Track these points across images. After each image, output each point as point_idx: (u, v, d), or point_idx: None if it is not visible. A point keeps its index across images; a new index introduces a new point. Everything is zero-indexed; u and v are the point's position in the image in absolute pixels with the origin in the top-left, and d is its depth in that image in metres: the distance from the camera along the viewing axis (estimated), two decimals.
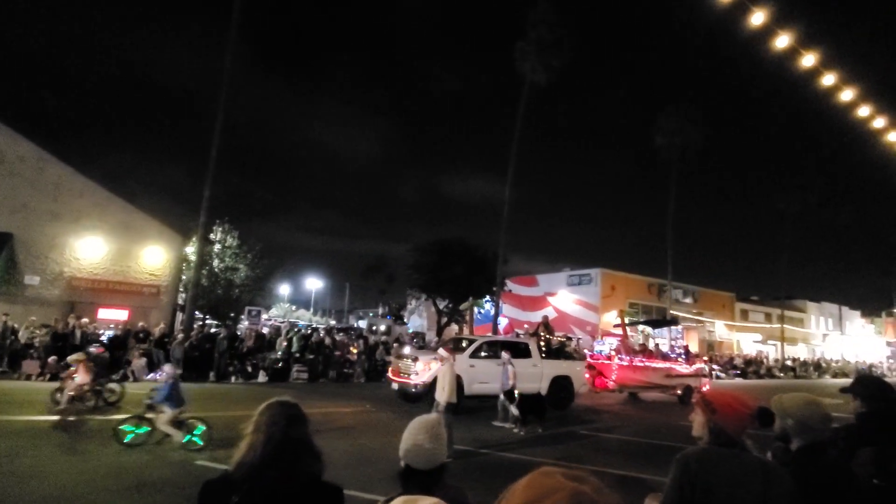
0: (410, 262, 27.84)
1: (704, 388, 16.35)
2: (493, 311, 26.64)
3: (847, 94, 8.25)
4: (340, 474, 6.28)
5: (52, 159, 18.18)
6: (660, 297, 35.92)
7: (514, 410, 9.88)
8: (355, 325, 40.37)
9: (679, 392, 16.27)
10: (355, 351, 19.37)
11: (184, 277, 21.37)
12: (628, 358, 16.53)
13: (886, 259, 48.80)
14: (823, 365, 39.25)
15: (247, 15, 20.28)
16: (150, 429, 7.16)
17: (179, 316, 20.35)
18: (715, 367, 29.98)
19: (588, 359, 17.44)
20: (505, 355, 10.74)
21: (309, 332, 21.20)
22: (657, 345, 22.57)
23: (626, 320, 19.88)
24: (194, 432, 7.14)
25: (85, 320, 16.06)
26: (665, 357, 18.26)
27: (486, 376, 11.78)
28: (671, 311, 33.19)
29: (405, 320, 41.15)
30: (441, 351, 8.57)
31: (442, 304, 27.74)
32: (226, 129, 18.95)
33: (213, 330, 19.81)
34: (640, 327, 35.78)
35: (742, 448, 1.96)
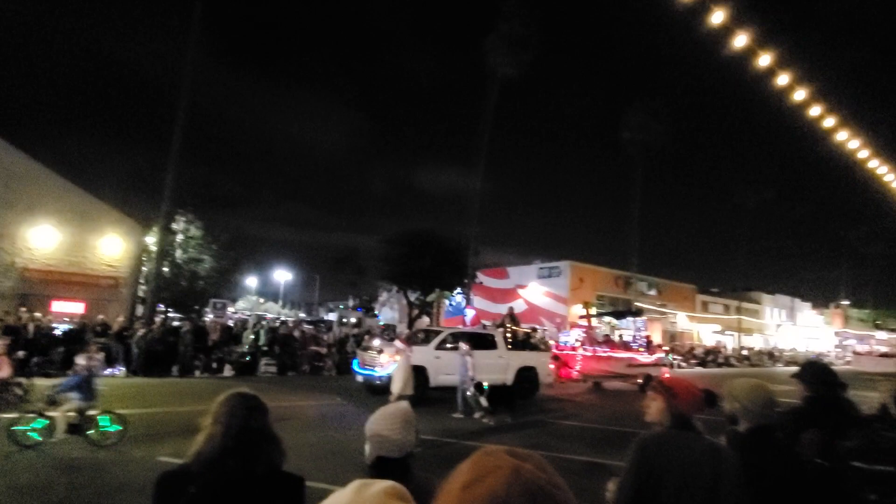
0: (381, 253, 27.65)
1: (664, 377, 17.20)
2: (463, 303, 26.79)
3: (800, 94, 8.64)
4: (308, 466, 6.25)
5: (4, 144, 17.14)
6: (626, 289, 36.92)
7: (483, 401, 9.91)
8: (325, 318, 39.90)
9: (640, 381, 16.67)
10: (326, 344, 19.17)
11: (145, 269, 20.62)
12: (592, 348, 16.97)
13: (835, 253, 51.60)
14: (776, 354, 41.32)
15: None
16: (47, 422, 6.57)
17: (140, 309, 19.64)
18: (677, 356, 31.16)
19: (553, 350, 17.80)
20: (463, 347, 10.66)
21: (277, 324, 20.83)
22: (620, 335, 23.00)
23: (592, 311, 20.47)
24: (101, 427, 6.71)
25: (38, 314, 15.30)
26: (627, 347, 18.81)
27: (451, 368, 11.78)
28: (636, 303, 34.19)
29: (376, 312, 40.96)
30: (397, 343, 8.52)
31: (413, 296, 27.69)
32: (191, 117, 18.32)
33: (176, 323, 19.20)
34: (606, 318, 36.74)
35: (696, 431, 2.06)
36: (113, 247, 18.98)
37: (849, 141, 10.20)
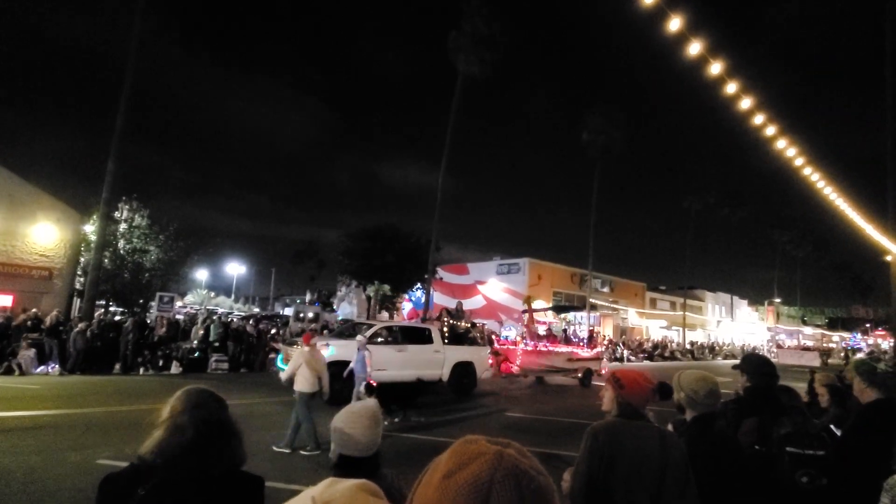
0: (342, 248, 27.21)
1: (603, 371, 17.38)
2: (423, 299, 26.79)
3: (746, 103, 9.13)
4: (262, 466, 6.07)
5: None
6: (581, 286, 38.06)
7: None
8: (281, 313, 38.83)
9: (580, 375, 16.96)
10: (279, 340, 18.66)
11: (83, 259, 19.33)
12: (532, 343, 16.98)
13: (769, 255, 55.23)
14: (716, 348, 43.88)
15: None
16: None
17: (78, 302, 18.40)
18: (627, 350, 32.48)
19: (495, 344, 18.05)
20: (360, 339, 10.00)
21: (229, 319, 20.06)
22: (564, 330, 23.54)
23: (535, 306, 20.40)
24: None
25: None
26: (568, 342, 18.91)
27: (382, 363, 11.48)
28: (590, 300, 35.31)
29: (335, 307, 40.25)
30: (299, 338, 7.95)
31: (371, 290, 27.44)
32: (143, 103, 17.31)
33: (118, 318, 18.13)
34: (563, 314, 37.70)
35: (645, 420, 2.16)
36: (46, 235, 17.67)
37: (787, 149, 10.89)
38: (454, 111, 25.21)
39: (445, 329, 14.72)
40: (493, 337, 20.55)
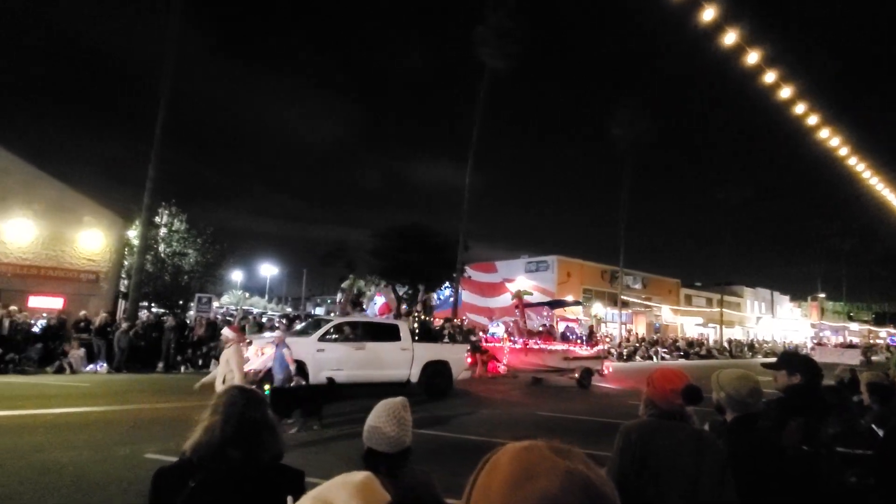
0: (370, 248, 27.57)
1: (606, 371, 16.19)
2: (451, 298, 26.84)
3: (785, 92, 8.78)
4: (298, 461, 6.21)
5: None
6: (612, 283, 37.35)
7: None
8: (312, 313, 39.63)
9: (577, 375, 15.33)
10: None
11: (126, 263, 20.22)
12: (521, 340, 15.53)
13: (812, 247, 52.89)
14: (756, 346, 42.30)
15: None
16: None
17: (122, 304, 19.26)
18: (661, 348, 31.68)
19: (483, 342, 16.96)
20: (278, 334, 9.11)
21: (263, 319, 20.62)
22: (567, 326, 21.80)
23: (527, 299, 19.08)
24: None
25: (13, 308, 14.92)
26: (566, 339, 17.43)
27: (338, 362, 10.57)
28: (622, 297, 34.62)
29: (364, 307, 40.79)
30: (226, 331, 7.11)
31: (402, 290, 27.69)
32: (176, 108, 17.97)
33: (161, 318, 18.90)
34: (593, 311, 37.03)
35: (681, 420, 2.11)
36: (93, 240, 18.56)
37: (830, 139, 10.42)
38: (480, 107, 25.16)
39: (416, 324, 13.67)
40: (481, 334, 19.24)
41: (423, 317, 15.02)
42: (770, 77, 8.31)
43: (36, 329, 14.63)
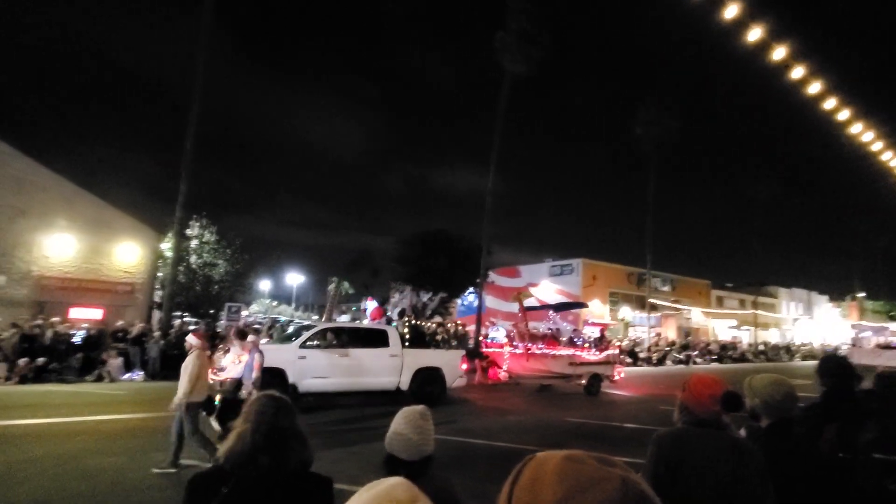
0: (395, 255, 27.80)
1: (617, 377, 15.30)
2: (476, 303, 26.78)
3: (814, 87, 8.51)
4: (325, 468, 6.28)
5: (14, 153, 17.44)
6: (639, 285, 36.63)
7: (214, 424, 6.82)
8: (337, 320, 40.09)
9: (584, 382, 14.50)
10: None
11: (160, 274, 20.89)
12: (523, 345, 14.83)
13: (851, 245, 50.73)
14: (793, 349, 40.72)
15: (224, 1, 19.81)
16: None
17: (156, 314, 19.90)
18: (692, 352, 30.85)
19: (482, 348, 16.38)
20: (252, 338, 8.55)
21: (290, 328, 20.92)
22: (575, 330, 20.58)
23: (527, 303, 18.05)
24: None
25: (56, 319, 15.60)
26: (573, 344, 16.63)
27: (321, 370, 10.21)
28: (650, 299, 33.90)
29: (389, 313, 41.02)
30: (189, 338, 6.79)
31: (426, 297, 27.78)
32: (203, 121, 18.56)
33: (192, 327, 19.44)
34: (620, 314, 36.34)
35: (717, 427, 2.05)
36: (129, 253, 19.29)
37: (862, 133, 10.03)
38: (501, 112, 25.16)
39: (406, 329, 13.02)
40: (481, 339, 18.50)
41: (413, 321, 14.56)
42: (798, 72, 8.07)
43: (76, 339, 15.25)
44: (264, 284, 48.34)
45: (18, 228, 17.21)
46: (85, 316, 17.57)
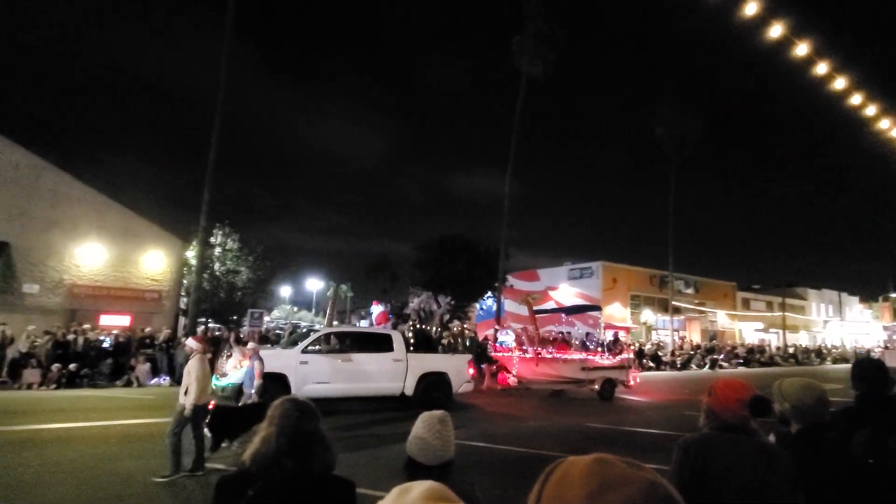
0: (413, 260, 27.96)
1: (632, 382, 14.87)
2: (494, 307, 26.69)
3: (840, 83, 8.29)
4: (345, 472, 6.33)
5: (48, 166, 18.17)
6: (661, 288, 36.01)
7: (205, 431, 6.51)
8: (357, 325, 40.40)
9: (597, 387, 14.07)
10: None
11: (185, 281, 21.38)
12: (533, 349, 14.45)
13: (882, 244, 48.83)
14: (824, 351, 39.43)
15: (244, 13, 20.32)
16: None
17: (182, 320, 20.37)
18: (718, 356, 30.13)
19: (492, 351, 16.02)
20: (252, 345, 8.63)
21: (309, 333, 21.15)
22: (588, 334, 20.33)
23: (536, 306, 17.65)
24: None
25: (87, 327, 16.10)
26: (585, 348, 16.24)
27: (323, 375, 10.05)
28: (673, 302, 33.28)
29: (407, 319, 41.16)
30: (189, 342, 6.76)
31: (444, 301, 27.82)
32: (225, 131, 19.01)
33: (216, 333, 19.84)
34: (642, 318, 35.72)
35: (745, 432, 2.00)
36: (156, 262, 19.83)
37: (891, 129, 9.70)
38: (518, 115, 25.15)
39: (410, 333, 12.81)
40: (489, 343, 18.18)
41: (418, 325, 14.30)
42: (822, 68, 7.86)
43: (106, 345, 15.72)
44: (285, 290, 49.10)
45: (52, 239, 17.86)
46: (114, 323, 18.10)
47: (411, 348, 11.77)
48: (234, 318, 23.94)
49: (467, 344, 18.78)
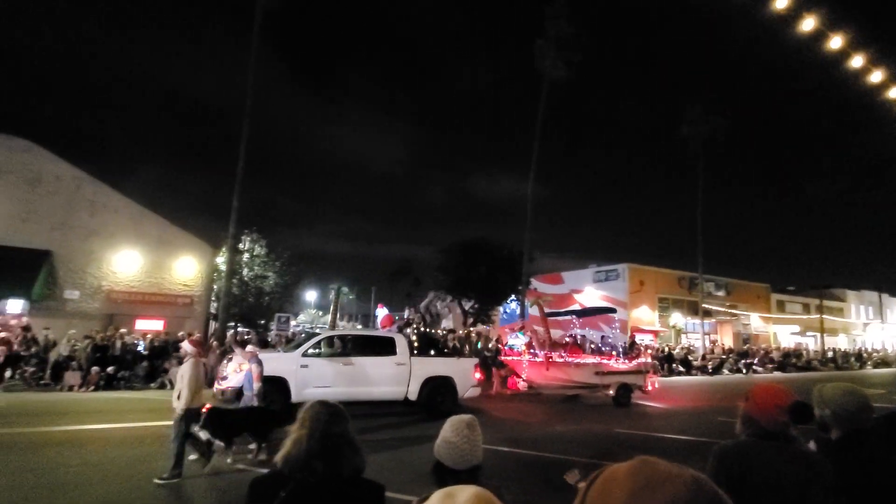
0: (437, 264, 28.05)
1: (650, 388, 14.30)
2: (518, 310, 26.51)
3: (877, 76, 7.95)
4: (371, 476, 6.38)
5: (88, 178, 18.98)
6: (690, 290, 35.10)
7: (200, 434, 6.57)
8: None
9: (612, 392, 13.53)
10: None
11: (215, 287, 22.00)
12: (543, 353, 14.03)
13: None
14: (864, 355, 37.71)
15: (269, 24, 20.86)
16: None
17: (213, 324, 20.91)
18: (751, 360, 29.16)
19: (501, 356, 15.67)
20: (250, 348, 8.49)
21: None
22: (603, 338, 19.37)
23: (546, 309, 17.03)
24: None
25: (123, 331, 16.70)
26: (599, 351, 15.69)
27: (324, 379, 9.88)
28: (703, 305, 32.41)
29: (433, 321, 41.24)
30: (184, 345, 6.66)
31: (468, 305, 27.78)
32: (252, 140, 19.44)
33: (246, 337, 20.30)
34: (671, 321, 34.88)
35: (785, 440, 1.93)
36: (187, 268, 20.44)
37: None
38: (541, 118, 25.00)
39: (414, 337, 12.50)
40: (500, 346, 17.77)
41: (423, 328, 14.03)
42: (857, 61, 7.55)
43: (140, 349, 16.26)
44: (310, 295, 49.85)
45: (91, 247, 18.63)
46: (148, 327, 18.73)
47: (415, 352, 11.63)
48: (262, 321, 24.44)
49: (478, 347, 18.51)
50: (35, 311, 17.19)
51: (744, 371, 27.46)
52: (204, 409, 6.59)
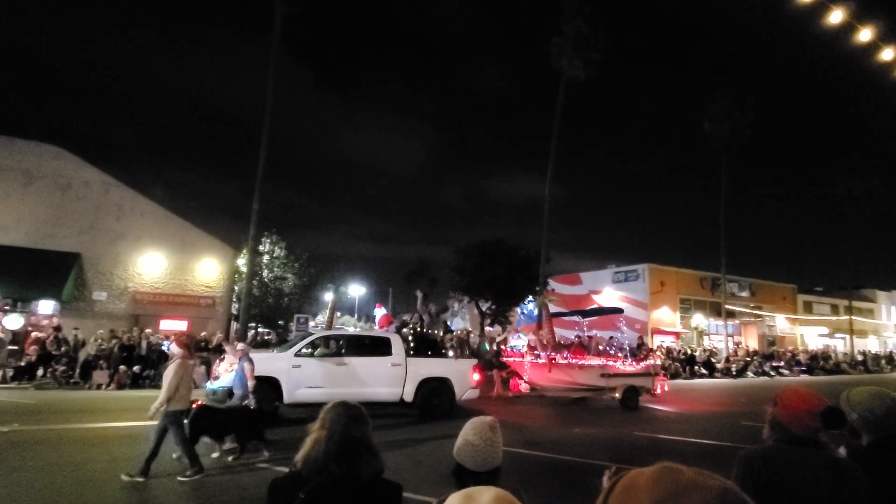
0: (454, 264, 28.02)
1: (659, 391, 13.89)
2: (536, 312, 26.33)
3: None
4: (392, 476, 6.40)
5: (115, 182, 19.54)
6: (713, 291, 34.39)
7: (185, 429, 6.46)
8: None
9: (618, 395, 13.14)
10: None
11: (236, 288, 22.39)
12: (546, 354, 13.71)
13: None
14: None
15: (290, 29, 21.16)
16: None
17: (234, 325, 21.29)
18: (777, 363, 28.42)
19: (504, 357, 15.42)
20: (241, 346, 8.34)
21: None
22: (611, 338, 18.29)
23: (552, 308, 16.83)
24: None
25: (148, 331, 17.13)
26: (605, 353, 15.19)
27: (317, 379, 9.79)
28: (726, 306, 31.72)
29: (448, 323, 41.29)
30: (171, 347, 6.59)
31: (484, 306, 27.71)
32: (272, 142, 19.72)
33: (266, 337, 20.63)
34: (693, 322, 34.22)
35: (815, 446, 1.87)
36: (210, 269, 20.87)
37: None
38: (558, 117, 24.80)
39: (410, 336, 12.32)
40: (501, 347, 17.43)
41: (423, 329, 13.82)
42: (888, 54, 7.29)
43: (164, 349, 16.63)
44: (328, 296, 50.39)
45: (118, 250, 19.18)
46: (172, 328, 19.16)
47: (411, 352, 11.43)
48: (282, 322, 24.80)
49: (485, 348, 18.33)
50: (65, 311, 17.75)
51: (770, 374, 26.77)
52: (194, 406, 6.58)
